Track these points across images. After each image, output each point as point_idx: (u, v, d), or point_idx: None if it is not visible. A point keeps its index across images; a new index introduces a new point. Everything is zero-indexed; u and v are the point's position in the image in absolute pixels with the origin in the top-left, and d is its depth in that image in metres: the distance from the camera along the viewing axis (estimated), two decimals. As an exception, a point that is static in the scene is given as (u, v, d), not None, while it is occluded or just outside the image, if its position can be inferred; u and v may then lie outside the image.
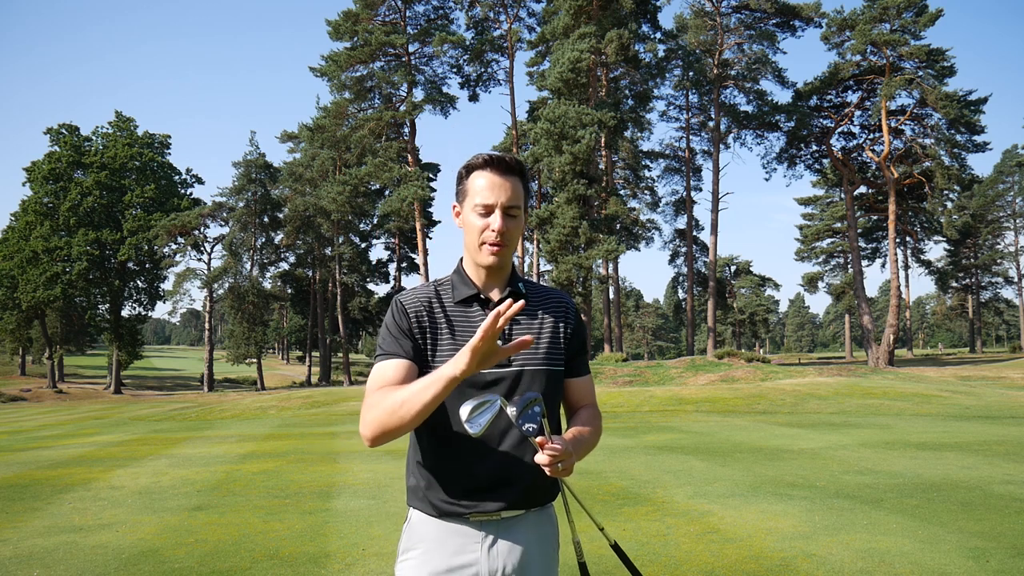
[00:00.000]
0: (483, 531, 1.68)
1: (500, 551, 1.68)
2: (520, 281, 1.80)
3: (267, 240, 50.66)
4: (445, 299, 1.75)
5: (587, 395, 1.86)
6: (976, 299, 63.87)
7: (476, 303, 1.74)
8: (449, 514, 1.68)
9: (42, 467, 10.39)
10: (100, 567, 4.88)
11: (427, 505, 1.70)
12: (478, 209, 1.69)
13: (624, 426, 14.21)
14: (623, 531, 5.56)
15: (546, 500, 1.76)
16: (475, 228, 1.70)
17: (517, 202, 1.70)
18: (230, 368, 64.12)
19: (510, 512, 1.69)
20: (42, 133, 49.69)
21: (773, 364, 30.43)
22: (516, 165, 1.72)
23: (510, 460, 1.66)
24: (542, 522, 1.76)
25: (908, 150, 38.61)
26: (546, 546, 1.76)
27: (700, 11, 41.00)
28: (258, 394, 37.54)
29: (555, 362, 1.75)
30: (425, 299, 1.74)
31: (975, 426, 12.84)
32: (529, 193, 1.78)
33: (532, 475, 1.64)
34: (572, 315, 1.83)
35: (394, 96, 42.24)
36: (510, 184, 1.70)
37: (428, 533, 1.70)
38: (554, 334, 1.77)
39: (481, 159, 1.71)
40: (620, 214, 34.97)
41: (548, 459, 1.51)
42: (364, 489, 7.71)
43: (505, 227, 1.68)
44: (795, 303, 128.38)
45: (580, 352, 1.84)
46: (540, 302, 1.80)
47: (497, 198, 1.68)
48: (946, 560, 4.61)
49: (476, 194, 1.69)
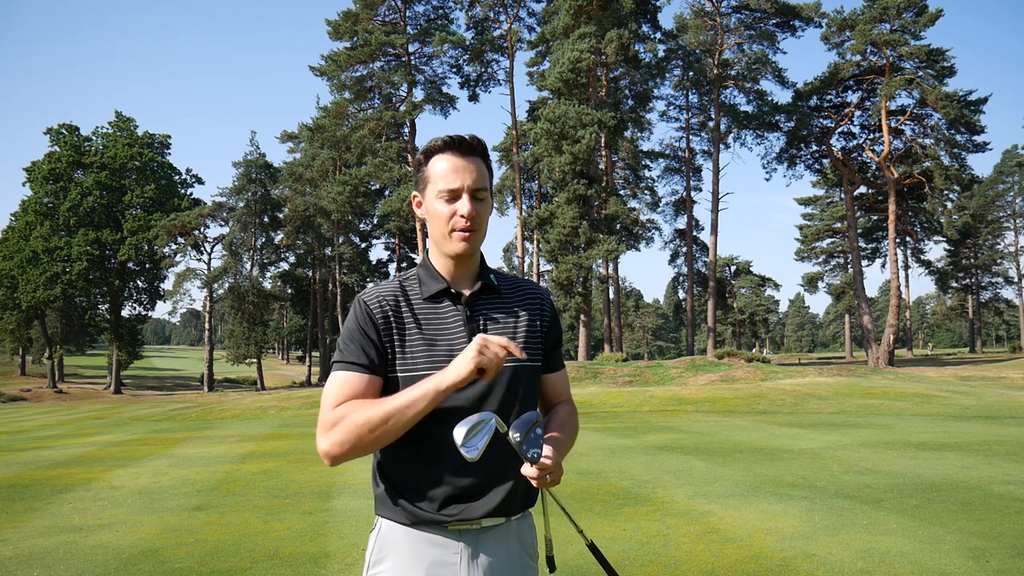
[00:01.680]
0: (461, 541, 1.57)
1: (480, 563, 1.57)
2: (491, 273, 1.70)
3: (267, 240, 50.66)
4: (412, 295, 1.63)
5: (563, 391, 1.78)
6: (976, 299, 63.86)
7: (446, 298, 1.63)
8: (425, 523, 1.56)
9: (42, 467, 10.38)
10: (100, 567, 4.88)
11: (400, 514, 1.58)
12: (443, 195, 1.57)
13: (624, 426, 14.20)
14: (623, 531, 5.56)
15: (525, 507, 1.67)
16: (441, 216, 1.58)
17: (483, 183, 1.60)
18: (230, 368, 64.09)
19: (491, 520, 1.58)
20: (42, 133, 49.74)
21: (773, 364, 30.43)
22: (478, 144, 1.61)
23: (492, 465, 1.53)
24: (522, 531, 1.66)
25: (908, 150, 38.61)
26: (525, 556, 1.66)
27: (700, 11, 40.99)
28: (258, 394, 37.54)
29: (533, 358, 1.67)
30: (391, 297, 1.61)
31: (975, 426, 12.84)
32: (493, 173, 1.68)
33: (515, 480, 1.56)
34: (548, 308, 1.73)
35: (394, 96, 42.25)
36: (474, 165, 1.59)
37: (400, 544, 1.58)
38: (531, 328, 1.68)
39: (440, 141, 1.60)
40: (620, 214, 34.97)
41: (538, 472, 1.44)
42: (364, 489, 7.71)
43: (474, 211, 1.57)
44: (795, 303, 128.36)
45: (556, 346, 1.75)
46: (514, 294, 1.70)
47: (463, 181, 1.57)
48: (946, 560, 4.60)
49: (439, 179, 1.58)
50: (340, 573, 4.66)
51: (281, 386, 49.42)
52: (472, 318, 1.62)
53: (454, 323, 1.61)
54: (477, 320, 1.63)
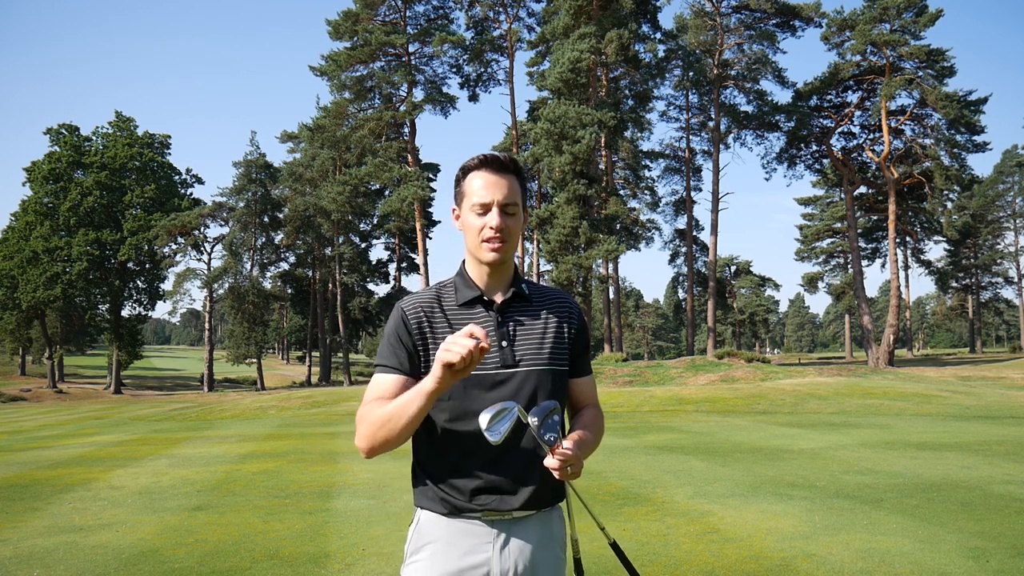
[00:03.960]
0: (495, 529, 1.68)
1: (511, 551, 1.68)
2: (523, 282, 1.81)
3: (267, 240, 50.66)
4: (448, 301, 1.76)
5: (590, 395, 1.88)
6: (976, 299, 63.84)
7: (480, 305, 1.76)
8: (462, 511, 1.68)
9: (42, 467, 10.38)
10: (100, 567, 4.88)
11: (439, 504, 1.70)
12: (476, 208, 1.70)
13: (624, 426, 14.21)
14: (623, 531, 5.56)
15: (555, 501, 1.78)
16: (474, 228, 1.71)
17: (514, 199, 1.72)
18: (230, 368, 64.08)
19: (522, 512, 1.70)
20: (42, 133, 49.71)
21: (773, 364, 30.43)
22: (511, 163, 1.74)
23: (524, 460, 1.68)
24: (551, 522, 1.77)
25: (908, 150, 38.60)
26: (555, 547, 1.77)
27: (700, 11, 40.97)
28: (258, 394, 37.54)
29: (560, 362, 1.77)
30: (427, 303, 1.75)
31: (975, 426, 12.84)
32: (527, 192, 1.82)
33: (545, 475, 1.65)
34: (576, 316, 1.84)
35: (394, 96, 42.24)
36: (506, 182, 1.71)
37: (438, 534, 1.70)
38: (558, 334, 1.78)
39: (476, 160, 1.73)
40: (620, 214, 34.96)
41: (559, 463, 1.54)
42: (364, 489, 7.71)
43: (503, 224, 1.69)
44: (795, 303, 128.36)
45: (583, 352, 1.85)
46: (544, 302, 1.81)
47: (493, 196, 1.69)
48: (946, 560, 4.61)
49: (473, 194, 1.71)
50: (340, 573, 4.66)
51: (281, 386, 49.42)
52: (503, 323, 1.74)
53: (485, 327, 1.73)
54: (507, 325, 1.75)
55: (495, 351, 1.70)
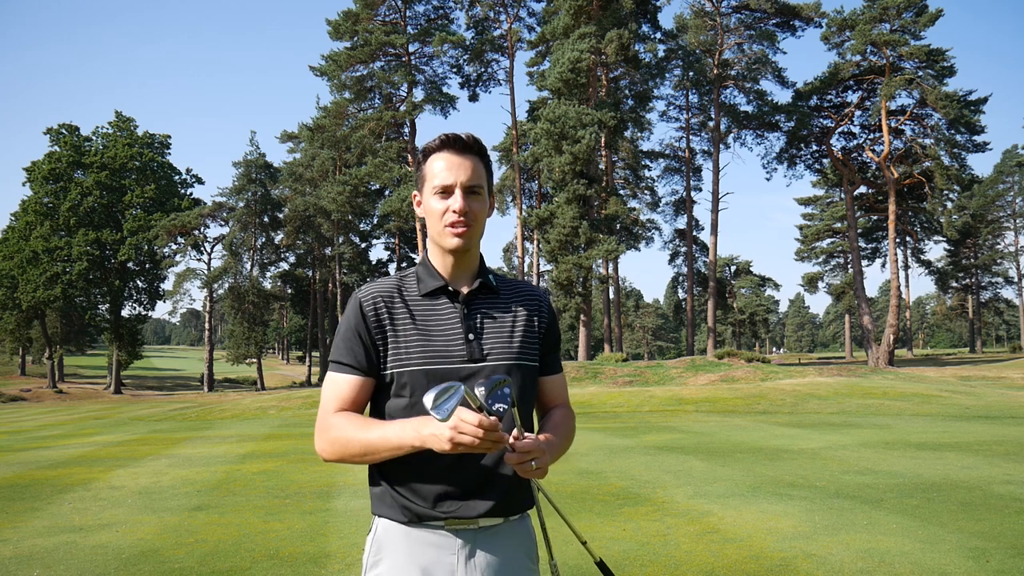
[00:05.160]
0: (459, 539, 1.55)
1: (478, 563, 1.55)
2: (490, 274, 1.71)
3: (267, 240, 50.68)
4: (409, 291, 1.64)
5: (560, 394, 1.76)
6: (976, 299, 63.85)
7: (444, 295, 1.64)
8: (423, 519, 1.55)
9: (42, 467, 10.38)
10: (100, 567, 4.88)
11: (398, 511, 1.57)
12: (437, 191, 1.60)
13: (624, 426, 14.20)
14: (623, 531, 5.56)
15: (523, 509, 1.64)
16: (436, 212, 1.60)
17: (478, 181, 1.61)
18: (230, 368, 64.10)
19: (488, 520, 1.57)
20: (42, 133, 49.74)
21: (773, 364, 30.43)
22: (475, 143, 1.63)
23: (489, 463, 1.54)
24: (520, 533, 1.63)
25: (908, 150, 38.61)
26: (525, 559, 1.63)
27: (700, 11, 41.00)
28: (258, 394, 37.54)
29: (530, 357, 1.65)
30: (387, 293, 1.62)
31: (975, 426, 12.84)
32: (492, 173, 1.71)
33: (513, 480, 1.56)
34: (546, 309, 1.72)
35: (394, 96, 42.25)
36: (470, 163, 1.61)
37: (397, 543, 1.57)
38: (528, 328, 1.67)
39: (437, 140, 1.63)
40: (620, 214, 34.96)
41: (519, 457, 1.41)
42: (364, 489, 7.70)
43: (467, 207, 1.58)
44: (795, 303, 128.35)
45: (554, 348, 1.74)
46: (512, 295, 1.70)
47: (456, 177, 1.59)
48: (946, 560, 4.60)
49: (435, 176, 1.60)
50: (340, 573, 4.66)
51: (281, 386, 49.42)
52: (469, 316, 1.62)
53: (451, 320, 1.61)
54: (474, 318, 1.63)
55: (461, 344, 1.58)
